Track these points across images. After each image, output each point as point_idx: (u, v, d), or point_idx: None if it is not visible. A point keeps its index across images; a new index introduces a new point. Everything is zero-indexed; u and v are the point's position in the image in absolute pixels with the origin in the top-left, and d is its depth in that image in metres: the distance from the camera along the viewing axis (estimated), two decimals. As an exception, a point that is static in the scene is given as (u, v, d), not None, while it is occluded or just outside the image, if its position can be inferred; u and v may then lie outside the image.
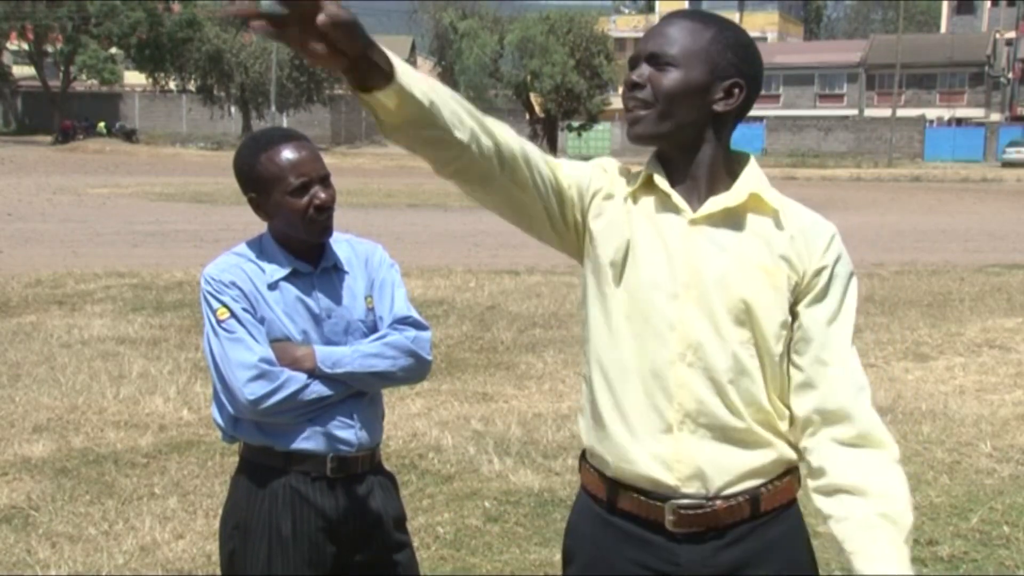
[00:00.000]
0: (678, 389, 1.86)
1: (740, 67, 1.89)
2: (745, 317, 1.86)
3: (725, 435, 1.87)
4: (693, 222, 1.89)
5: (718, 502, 1.88)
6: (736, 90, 1.88)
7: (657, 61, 1.87)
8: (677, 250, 1.88)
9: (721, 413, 1.86)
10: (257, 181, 2.46)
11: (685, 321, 1.86)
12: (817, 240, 1.90)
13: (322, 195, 2.46)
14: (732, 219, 1.90)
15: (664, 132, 1.89)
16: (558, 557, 4.21)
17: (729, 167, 1.93)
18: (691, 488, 1.87)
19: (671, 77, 1.87)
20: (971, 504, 4.84)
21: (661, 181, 1.91)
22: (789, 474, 1.95)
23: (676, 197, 1.90)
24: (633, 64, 1.92)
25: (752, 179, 1.92)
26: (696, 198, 1.90)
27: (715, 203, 1.90)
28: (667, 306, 1.87)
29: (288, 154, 2.45)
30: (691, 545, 1.89)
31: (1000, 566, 4.19)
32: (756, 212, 1.91)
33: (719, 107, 1.88)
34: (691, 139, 1.90)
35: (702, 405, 1.86)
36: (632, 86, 1.90)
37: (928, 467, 5.41)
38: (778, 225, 1.90)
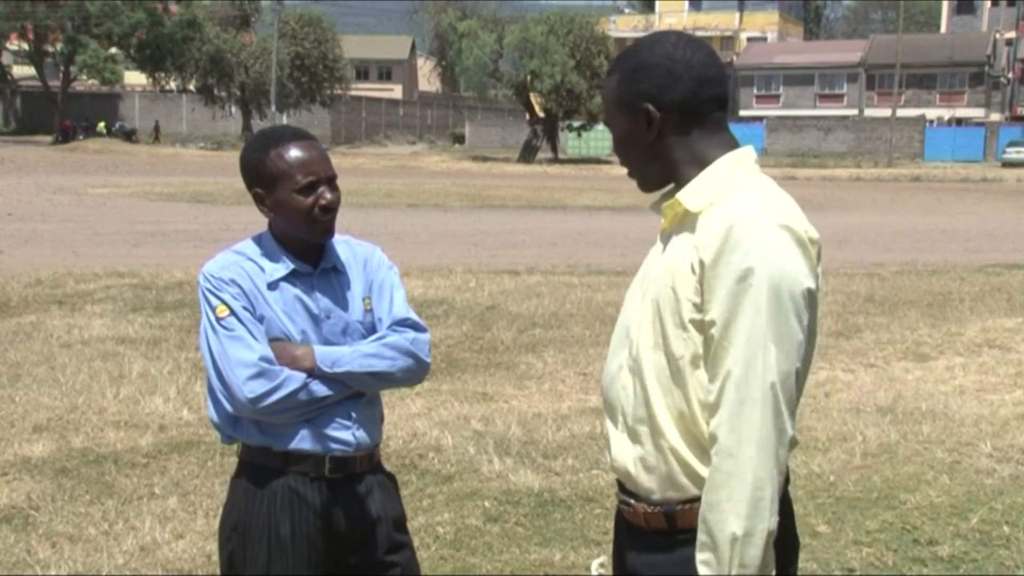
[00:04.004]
0: None
1: (642, 88, 1.87)
2: None
3: None
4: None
5: None
6: (647, 114, 1.87)
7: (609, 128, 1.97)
8: None
9: None
10: (264, 176, 2.47)
11: None
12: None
13: (328, 196, 2.47)
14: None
15: (648, 180, 1.96)
16: (558, 557, 4.23)
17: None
18: None
19: (612, 139, 1.96)
20: (971, 504, 4.84)
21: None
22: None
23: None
24: None
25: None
26: None
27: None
28: None
29: (298, 152, 2.45)
30: None
31: (1000, 566, 4.19)
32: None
33: (651, 136, 1.88)
34: (670, 169, 1.92)
35: None
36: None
37: (928, 467, 5.41)
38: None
